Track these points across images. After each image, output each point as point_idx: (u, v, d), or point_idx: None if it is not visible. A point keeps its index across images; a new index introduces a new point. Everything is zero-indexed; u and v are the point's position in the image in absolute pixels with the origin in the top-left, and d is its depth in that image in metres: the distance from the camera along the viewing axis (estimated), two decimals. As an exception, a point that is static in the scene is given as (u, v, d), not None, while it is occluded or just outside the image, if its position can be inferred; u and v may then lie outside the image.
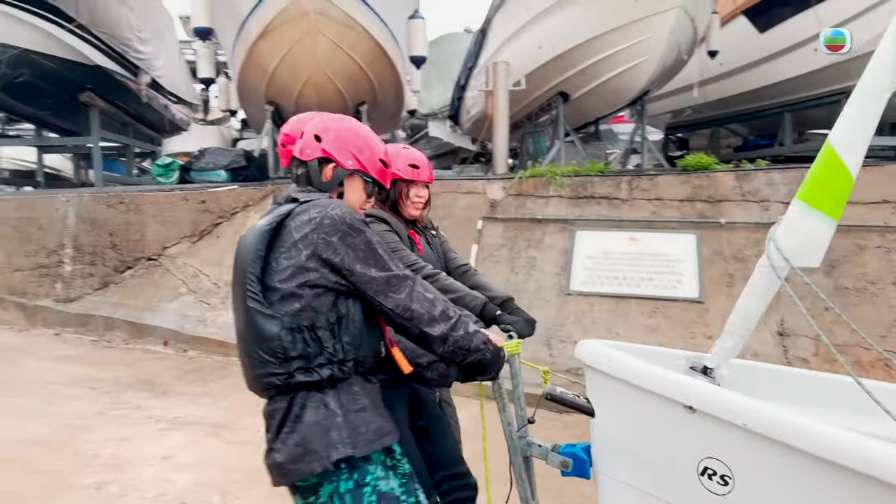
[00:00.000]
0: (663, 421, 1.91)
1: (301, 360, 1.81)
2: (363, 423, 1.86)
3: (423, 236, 2.84)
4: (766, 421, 1.68)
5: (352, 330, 1.87)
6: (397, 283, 1.87)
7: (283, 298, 1.82)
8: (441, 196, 7.84)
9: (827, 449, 1.56)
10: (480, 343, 1.95)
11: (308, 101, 10.25)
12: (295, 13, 8.46)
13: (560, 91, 10.86)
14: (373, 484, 1.85)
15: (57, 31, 10.25)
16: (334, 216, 1.84)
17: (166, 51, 14.33)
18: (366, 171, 2.05)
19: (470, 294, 2.59)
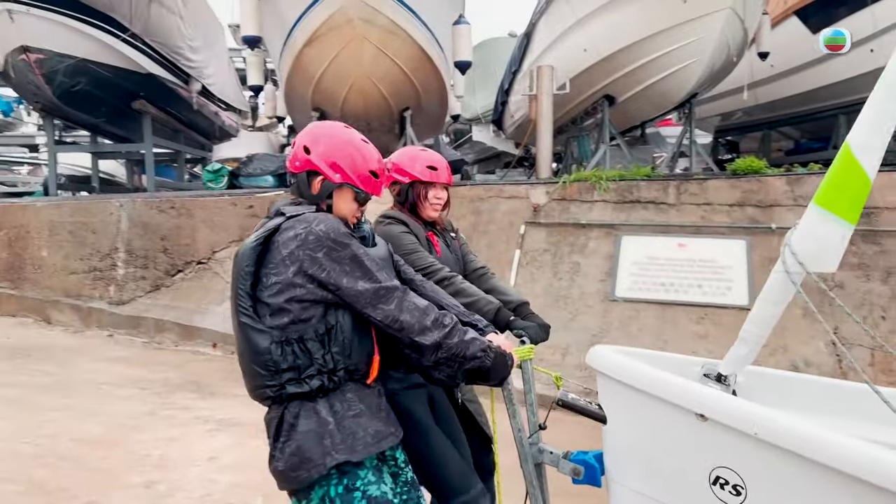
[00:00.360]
0: (674, 429, 1.89)
1: (292, 372, 1.85)
2: (360, 427, 1.90)
3: (442, 238, 2.84)
4: (777, 430, 1.64)
5: (341, 340, 1.90)
6: (386, 294, 1.89)
7: (274, 313, 1.86)
8: (484, 201, 7.83)
9: (839, 459, 1.52)
10: (478, 350, 1.95)
11: (353, 108, 10.38)
12: (340, 21, 8.56)
13: (606, 94, 10.75)
14: (363, 489, 1.88)
15: (111, 41, 10.57)
16: (318, 232, 1.86)
17: (216, 59, 14.65)
18: (353, 182, 2.02)
19: (484, 298, 2.57)
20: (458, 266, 2.83)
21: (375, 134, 12.09)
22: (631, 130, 12.91)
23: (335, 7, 8.44)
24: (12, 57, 10.15)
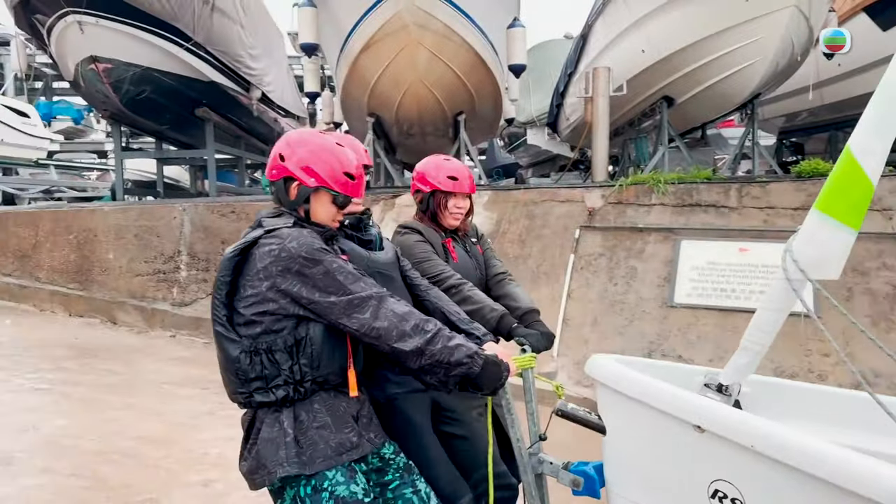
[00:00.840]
0: (672, 441, 1.84)
1: (259, 381, 1.91)
2: (321, 440, 1.92)
3: (462, 244, 2.90)
4: (774, 442, 1.59)
5: (309, 353, 1.92)
6: (360, 303, 1.90)
7: (247, 323, 1.92)
8: (538, 205, 7.76)
9: (837, 473, 1.46)
10: (463, 357, 1.92)
11: (407, 112, 10.45)
12: (396, 26, 8.63)
13: (664, 96, 10.53)
14: (330, 489, 1.91)
15: (175, 50, 10.91)
16: (291, 249, 1.89)
17: (276, 66, 14.96)
18: (328, 185, 2.04)
19: (488, 306, 2.59)
20: (477, 271, 2.88)
21: (430, 138, 12.16)
22: (691, 132, 12.63)
23: (391, 13, 8.51)
24: (82, 66, 10.58)
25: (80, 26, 9.85)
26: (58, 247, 9.41)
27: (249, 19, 12.78)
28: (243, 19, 12.40)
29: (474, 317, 2.47)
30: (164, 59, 10.85)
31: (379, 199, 8.77)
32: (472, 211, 2.92)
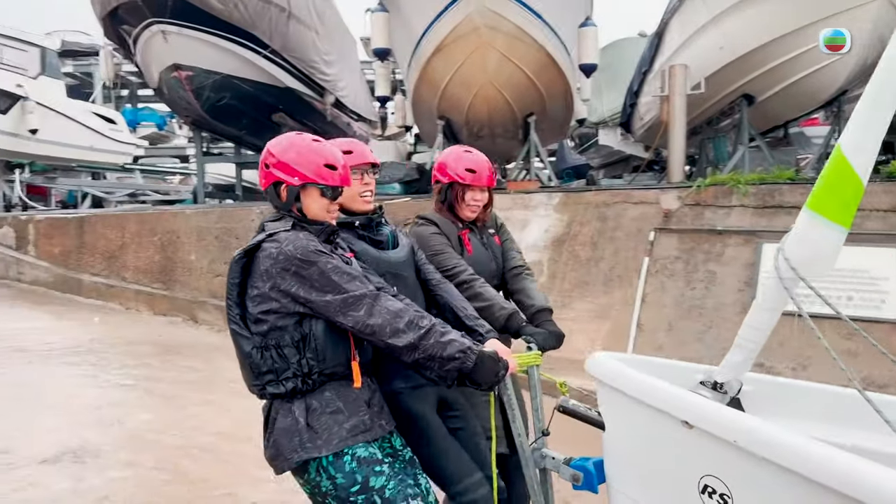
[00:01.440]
0: (664, 436, 1.86)
1: (271, 375, 2.04)
2: (336, 423, 2.04)
3: (479, 236, 2.89)
4: (756, 438, 1.60)
5: (314, 347, 2.03)
6: (354, 302, 2.00)
7: (255, 321, 2.05)
8: (611, 206, 7.61)
9: (821, 470, 1.46)
10: (456, 352, 1.99)
11: (478, 114, 10.44)
12: (467, 29, 8.64)
13: (744, 94, 10.18)
14: (350, 453, 2.03)
15: (253, 57, 11.25)
16: (287, 252, 2.01)
17: (349, 71, 15.23)
18: (311, 179, 2.11)
19: (498, 304, 2.61)
20: (492, 263, 2.87)
21: (499, 140, 12.11)
22: (772, 131, 12.18)
23: (462, 16, 8.53)
24: (165, 74, 11.04)
25: (164, 35, 10.27)
26: (143, 248, 9.84)
27: (324, 26, 13.04)
28: (318, 26, 12.66)
29: (484, 314, 2.51)
30: (242, 67, 11.20)
31: (449, 202, 8.79)
32: (491, 203, 2.91)
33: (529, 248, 7.72)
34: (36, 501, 3.65)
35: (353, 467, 2.03)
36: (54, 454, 4.28)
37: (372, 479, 2.04)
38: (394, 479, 2.08)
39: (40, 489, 3.79)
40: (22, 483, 3.86)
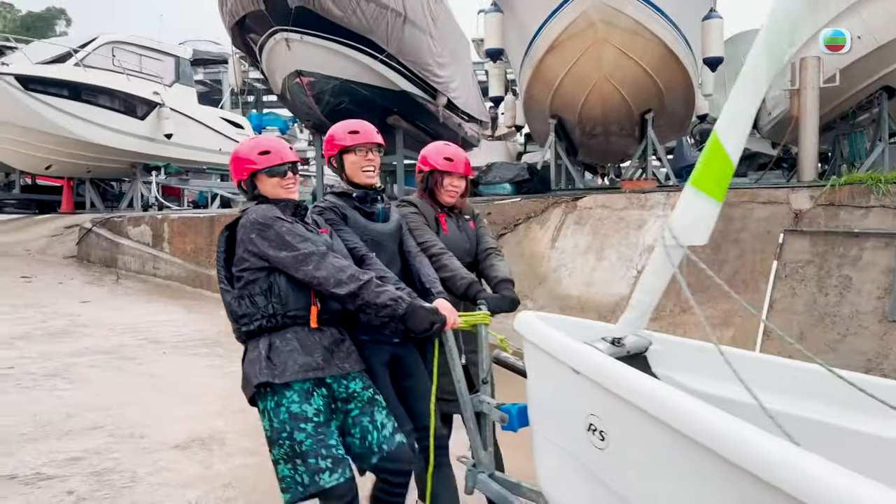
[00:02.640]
0: (562, 382, 2.15)
1: (245, 318, 2.55)
2: (290, 359, 2.49)
3: (456, 220, 3.31)
4: (618, 382, 1.85)
5: (278, 293, 2.53)
6: (304, 259, 2.48)
7: (236, 279, 2.59)
8: (735, 206, 7.23)
9: (670, 413, 1.65)
10: (388, 300, 2.46)
11: (592, 112, 10.23)
12: (582, 26, 8.48)
13: (884, 86, 9.42)
14: (286, 405, 2.47)
15: (370, 62, 11.52)
16: (251, 219, 2.55)
17: (461, 73, 15.33)
18: (253, 168, 2.65)
19: (459, 274, 3.02)
20: (467, 244, 3.31)
21: (613, 138, 11.83)
22: (916, 125, 11.19)
23: (578, 12, 8.37)
24: (289, 80, 11.49)
25: (288, 43, 10.70)
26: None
27: (438, 28, 13.19)
28: (432, 29, 12.82)
29: (448, 282, 2.98)
30: (360, 71, 11.50)
31: (560, 202, 8.64)
32: (467, 191, 3.32)
33: (647, 249, 7.47)
34: (169, 484, 3.88)
35: (285, 419, 2.46)
36: (185, 440, 4.54)
37: (296, 433, 2.45)
38: (312, 438, 2.46)
39: (172, 473, 4.03)
40: (156, 467, 4.11)
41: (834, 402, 2.15)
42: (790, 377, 2.31)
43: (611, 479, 2.00)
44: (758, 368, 2.35)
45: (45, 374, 5.97)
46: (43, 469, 4.01)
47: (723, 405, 1.75)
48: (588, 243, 8.03)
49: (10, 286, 10.50)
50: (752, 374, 2.21)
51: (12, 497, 3.65)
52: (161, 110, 17.09)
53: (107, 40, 16.82)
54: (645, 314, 2.32)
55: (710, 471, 1.55)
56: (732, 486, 1.49)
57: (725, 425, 1.52)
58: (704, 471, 1.58)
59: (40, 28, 49.98)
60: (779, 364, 2.39)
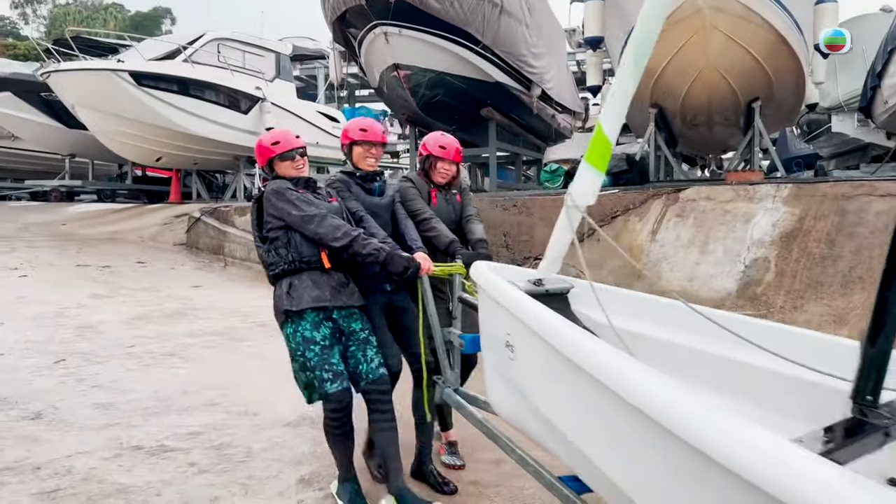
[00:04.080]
0: (493, 312, 2.76)
1: (272, 265, 3.43)
2: (305, 293, 3.34)
3: (444, 195, 4.14)
4: (519, 309, 2.43)
5: (294, 245, 3.39)
6: (309, 219, 3.33)
7: (264, 239, 3.47)
8: (851, 199, 6.85)
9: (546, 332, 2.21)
10: (372, 250, 3.32)
11: (695, 101, 9.90)
12: (688, 11, 8.20)
13: None
14: (301, 331, 3.33)
15: (466, 54, 11.53)
16: (271, 190, 3.43)
17: (556, 63, 15.11)
18: (269, 154, 3.55)
19: (442, 234, 3.87)
20: (452, 214, 4.13)
21: (717, 128, 11.40)
22: None
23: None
24: (386, 74, 11.67)
25: (386, 37, 10.86)
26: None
27: (534, 18, 13.03)
28: (528, 19, 12.69)
29: (434, 240, 3.85)
30: (455, 63, 11.53)
31: (660, 194, 8.40)
32: (458, 174, 4.18)
33: (755, 243, 7.18)
34: (283, 460, 4.04)
35: (300, 341, 3.33)
36: (295, 419, 4.71)
37: (307, 352, 3.32)
38: (318, 357, 3.30)
39: (286, 450, 4.19)
40: (270, 443, 4.29)
41: (689, 330, 2.76)
42: (656, 310, 2.99)
43: (518, 382, 2.63)
44: (636, 304, 3.07)
45: (164, 353, 6.32)
46: (166, 441, 4.25)
47: (606, 331, 2.67)
48: (691, 236, 7.78)
49: (127, 271, 11.17)
50: (629, 308, 3.02)
51: (140, 466, 3.89)
52: (263, 105, 17.71)
53: (213, 37, 17.58)
54: (556, 261, 2.97)
55: (569, 372, 2.09)
56: (582, 380, 2.01)
57: (576, 338, 2.11)
58: (565, 372, 2.12)
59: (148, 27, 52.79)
60: (648, 300, 3.08)
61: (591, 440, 2.12)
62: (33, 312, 7.79)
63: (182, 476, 3.77)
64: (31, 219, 17.80)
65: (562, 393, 2.25)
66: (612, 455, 2.01)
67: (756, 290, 6.92)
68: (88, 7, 56.11)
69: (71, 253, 12.76)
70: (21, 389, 5.13)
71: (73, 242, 14.15)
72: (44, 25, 56.17)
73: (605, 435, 2.04)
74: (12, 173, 23.89)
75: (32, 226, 16.61)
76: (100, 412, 4.73)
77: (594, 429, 2.10)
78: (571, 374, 2.08)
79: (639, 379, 1.83)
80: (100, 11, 54.43)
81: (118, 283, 9.51)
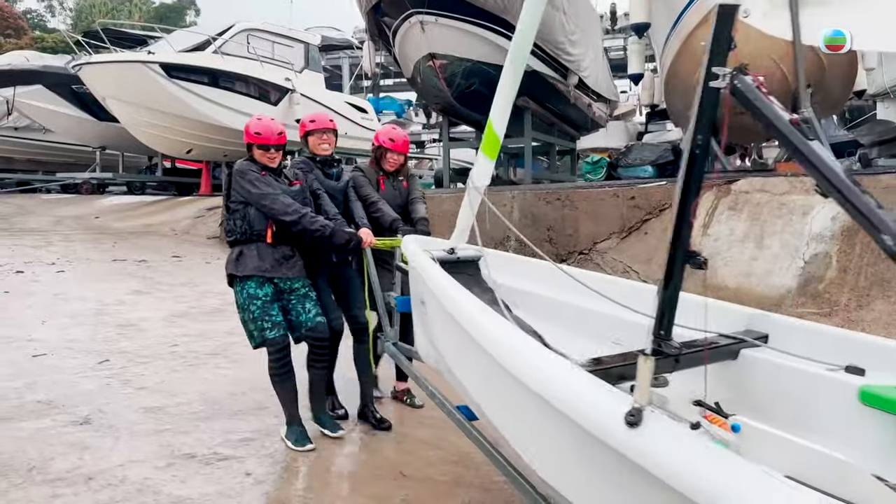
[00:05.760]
0: (415, 276, 3.43)
1: (230, 233, 4.10)
2: (250, 261, 4.02)
3: (391, 182, 4.83)
4: (424, 272, 3.20)
5: (247, 219, 4.02)
6: (263, 197, 3.93)
7: (228, 209, 4.11)
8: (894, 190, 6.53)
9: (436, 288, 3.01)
10: (318, 226, 4.01)
11: (745, 89, 9.53)
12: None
13: None
14: (247, 289, 4.03)
15: (503, 42, 11.25)
16: (236, 170, 4.04)
17: (592, 50, 14.76)
18: (250, 142, 4.08)
19: (386, 214, 4.56)
20: (398, 199, 4.81)
21: (763, 117, 11.00)
22: None
23: (737, -19, 7.76)
24: (421, 63, 11.44)
25: (422, 26, 10.63)
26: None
27: (571, 4, 12.72)
28: (565, 5, 12.38)
29: (380, 220, 4.53)
30: (492, 52, 11.25)
31: (711, 185, 8.09)
32: (406, 163, 4.92)
33: (814, 237, 6.87)
34: (338, 470, 3.94)
35: (246, 296, 4.03)
36: (349, 426, 4.56)
37: (251, 306, 4.02)
38: (260, 310, 4.01)
39: (340, 458, 4.10)
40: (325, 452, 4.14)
41: (558, 286, 3.45)
42: (537, 271, 3.70)
43: (429, 332, 3.30)
44: (523, 266, 3.83)
45: (207, 352, 6.18)
46: (219, 449, 4.10)
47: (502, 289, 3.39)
48: (745, 230, 7.48)
49: (163, 265, 11.09)
50: (519, 270, 3.81)
51: (194, 477, 3.73)
52: (292, 96, 17.57)
53: (242, 28, 17.46)
54: (463, 233, 3.70)
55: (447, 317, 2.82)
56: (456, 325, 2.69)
57: (456, 294, 2.80)
58: (446, 317, 2.84)
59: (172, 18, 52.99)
60: (533, 263, 3.80)
61: (463, 371, 2.89)
62: (73, 310, 7.71)
63: (239, 487, 3.61)
64: (65, 212, 17.88)
65: (447, 335, 3.01)
66: (470, 378, 2.80)
67: (818, 287, 6.62)
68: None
69: (106, 247, 12.74)
70: (66, 392, 5.01)
71: (108, 236, 14.16)
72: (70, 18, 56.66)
73: (469, 364, 2.78)
74: (44, 166, 24.07)
75: (66, 219, 16.67)
76: (148, 416, 4.60)
77: (462, 360, 2.87)
78: (449, 318, 2.79)
79: (482, 320, 2.54)
80: (125, 3, 54.72)
81: (156, 279, 9.42)
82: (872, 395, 2.37)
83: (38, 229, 14.82)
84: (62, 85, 19.72)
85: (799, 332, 2.76)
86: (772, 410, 2.57)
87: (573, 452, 2.03)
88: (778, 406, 2.59)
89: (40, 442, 4.10)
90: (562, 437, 2.05)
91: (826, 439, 2.24)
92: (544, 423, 2.12)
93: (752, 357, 2.73)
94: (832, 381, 2.50)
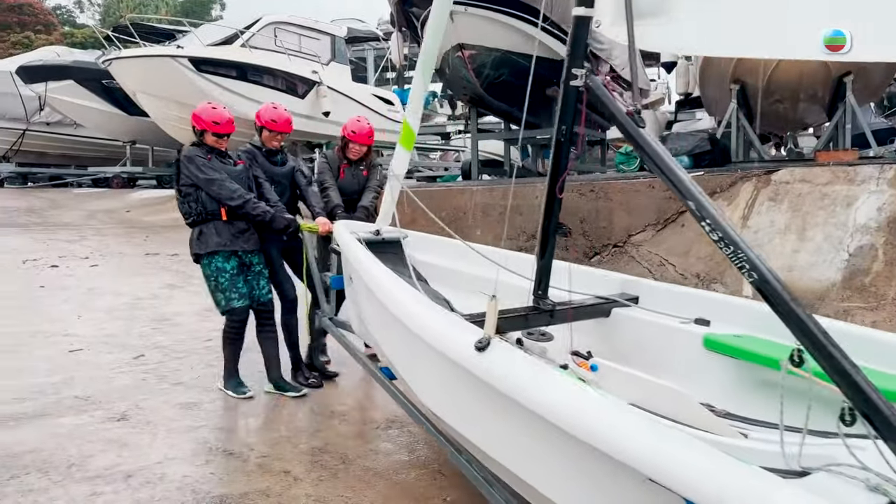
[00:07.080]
0: (344, 257, 3.95)
1: (186, 215, 4.64)
2: (210, 239, 4.58)
3: (352, 170, 5.45)
4: (349, 251, 3.76)
5: (201, 201, 4.56)
6: (211, 182, 4.49)
7: (180, 193, 4.62)
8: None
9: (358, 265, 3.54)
10: (260, 212, 4.61)
11: (785, 76, 9.31)
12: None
13: None
14: (215, 263, 4.61)
15: (533, 31, 11.06)
16: (184, 156, 4.57)
17: (622, 38, 14.47)
18: (204, 128, 4.60)
19: (332, 201, 5.24)
20: (356, 186, 5.47)
21: (801, 105, 10.72)
22: None
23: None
24: (450, 54, 11.28)
25: (452, 16, 10.45)
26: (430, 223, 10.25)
27: (601, -8, 12.46)
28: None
29: (327, 206, 5.19)
30: (521, 42, 11.05)
31: (750, 176, 7.88)
32: (369, 153, 5.54)
33: (859, 229, 6.65)
34: (378, 469, 3.84)
35: (212, 270, 4.61)
36: (384, 422, 4.51)
37: (220, 277, 4.62)
38: (228, 281, 4.63)
39: (381, 455, 4.00)
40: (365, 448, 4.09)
41: (468, 260, 3.94)
42: (451, 249, 4.27)
43: (356, 305, 3.78)
44: (439, 245, 4.47)
45: (241, 347, 6.16)
46: (257, 447, 4.07)
47: (420, 265, 4.18)
48: (787, 222, 7.27)
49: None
50: (435, 249, 4.45)
51: (234, 474, 3.71)
52: (319, 89, 17.51)
53: (269, 21, 17.43)
54: (387, 216, 4.23)
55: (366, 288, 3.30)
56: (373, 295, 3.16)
57: (373, 268, 3.30)
58: (366, 289, 3.30)
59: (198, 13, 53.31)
60: (446, 242, 4.34)
61: (381, 335, 3.33)
62: (108, 304, 7.76)
63: (278, 486, 3.57)
64: (96, 206, 18.07)
65: (369, 305, 3.39)
66: (386, 340, 3.27)
67: (864, 280, 6.41)
68: (141, -6, 56.93)
69: (138, 241, 12.84)
70: (103, 388, 5.03)
71: (139, 230, 14.27)
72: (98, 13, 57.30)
73: (385, 329, 3.20)
74: (75, 160, 24.36)
75: (98, 213, 16.84)
76: (185, 413, 4.58)
77: (380, 326, 3.28)
78: (369, 291, 3.23)
79: (391, 287, 3.05)
80: (151, -2, 55.18)
81: (188, 272, 9.42)
82: (714, 341, 2.95)
83: (72, 224, 14.98)
84: (92, 80, 19.88)
85: (664, 294, 3.45)
86: (635, 357, 3.19)
87: (442, 377, 2.60)
88: (640, 354, 3.22)
89: (79, 438, 4.11)
90: (435, 368, 2.64)
91: (677, 379, 2.82)
92: (426, 362, 2.70)
93: (622, 314, 3.43)
94: (682, 331, 3.11)
